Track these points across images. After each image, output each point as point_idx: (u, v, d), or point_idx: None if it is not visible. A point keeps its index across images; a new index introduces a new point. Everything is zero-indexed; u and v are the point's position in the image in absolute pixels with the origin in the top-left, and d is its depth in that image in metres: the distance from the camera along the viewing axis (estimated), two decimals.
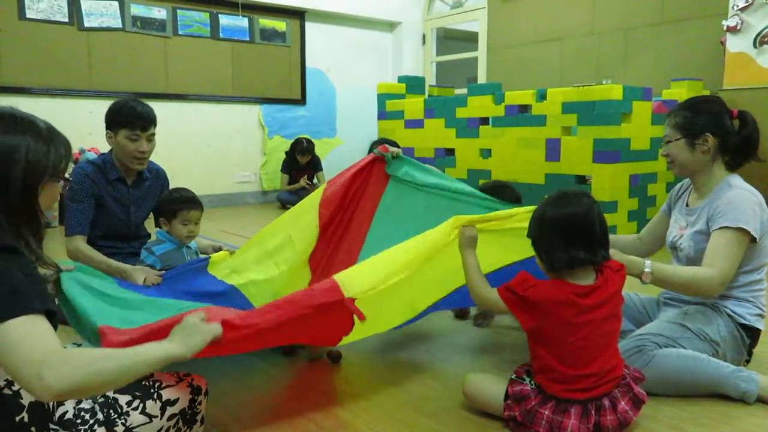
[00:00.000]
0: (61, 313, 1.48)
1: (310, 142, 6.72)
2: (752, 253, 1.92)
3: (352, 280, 1.73)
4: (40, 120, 1.35)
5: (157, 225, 2.63)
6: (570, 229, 1.62)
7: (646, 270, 1.82)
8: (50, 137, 1.33)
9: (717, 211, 1.92)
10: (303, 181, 6.64)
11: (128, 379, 1.20)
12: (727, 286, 1.92)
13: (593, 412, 1.58)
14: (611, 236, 1.77)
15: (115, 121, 2.52)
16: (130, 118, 2.51)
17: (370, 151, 2.53)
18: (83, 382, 1.10)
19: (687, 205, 2.14)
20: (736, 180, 2.01)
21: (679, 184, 2.25)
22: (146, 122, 2.54)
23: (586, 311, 1.60)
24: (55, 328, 1.21)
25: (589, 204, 1.64)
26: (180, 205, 2.49)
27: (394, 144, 2.81)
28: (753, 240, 1.88)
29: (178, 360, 1.31)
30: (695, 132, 1.99)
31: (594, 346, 1.60)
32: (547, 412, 1.60)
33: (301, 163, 6.71)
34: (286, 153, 6.82)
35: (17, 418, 1.22)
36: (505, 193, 2.44)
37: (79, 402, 1.35)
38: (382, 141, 2.87)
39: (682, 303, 2.10)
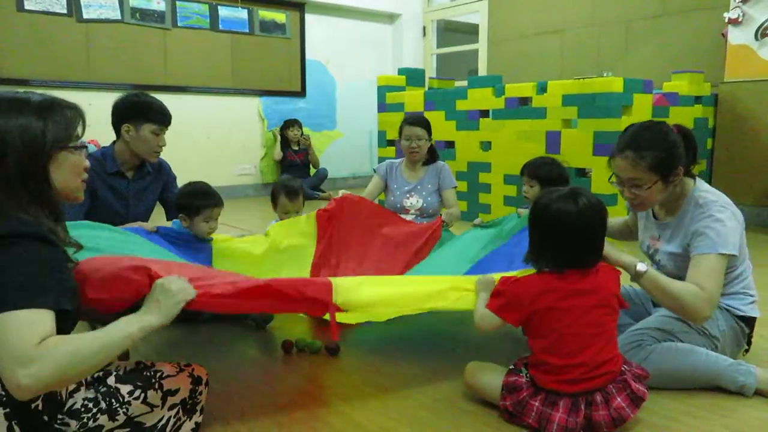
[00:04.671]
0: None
1: (297, 121, 7.06)
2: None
3: (349, 289, 1.72)
4: (36, 95, 1.32)
5: (170, 219, 2.63)
6: (563, 233, 1.62)
7: (639, 267, 1.78)
8: (44, 111, 1.30)
9: (696, 236, 1.86)
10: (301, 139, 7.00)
11: (107, 359, 1.22)
12: None
13: (583, 407, 1.57)
14: None
15: (143, 115, 2.57)
16: (159, 114, 2.61)
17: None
18: (59, 377, 1.12)
19: (655, 217, 2.10)
20: (703, 193, 1.94)
21: None
22: (170, 118, 2.66)
23: (570, 296, 1.60)
24: (71, 325, 1.21)
25: (585, 206, 1.62)
26: (204, 202, 2.45)
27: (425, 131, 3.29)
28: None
29: (156, 328, 1.33)
30: (670, 170, 1.89)
31: (582, 335, 1.59)
32: (536, 404, 1.60)
33: (291, 138, 6.93)
34: (277, 134, 7.07)
35: (33, 405, 1.23)
36: (546, 169, 2.76)
37: (83, 391, 1.36)
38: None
39: None
